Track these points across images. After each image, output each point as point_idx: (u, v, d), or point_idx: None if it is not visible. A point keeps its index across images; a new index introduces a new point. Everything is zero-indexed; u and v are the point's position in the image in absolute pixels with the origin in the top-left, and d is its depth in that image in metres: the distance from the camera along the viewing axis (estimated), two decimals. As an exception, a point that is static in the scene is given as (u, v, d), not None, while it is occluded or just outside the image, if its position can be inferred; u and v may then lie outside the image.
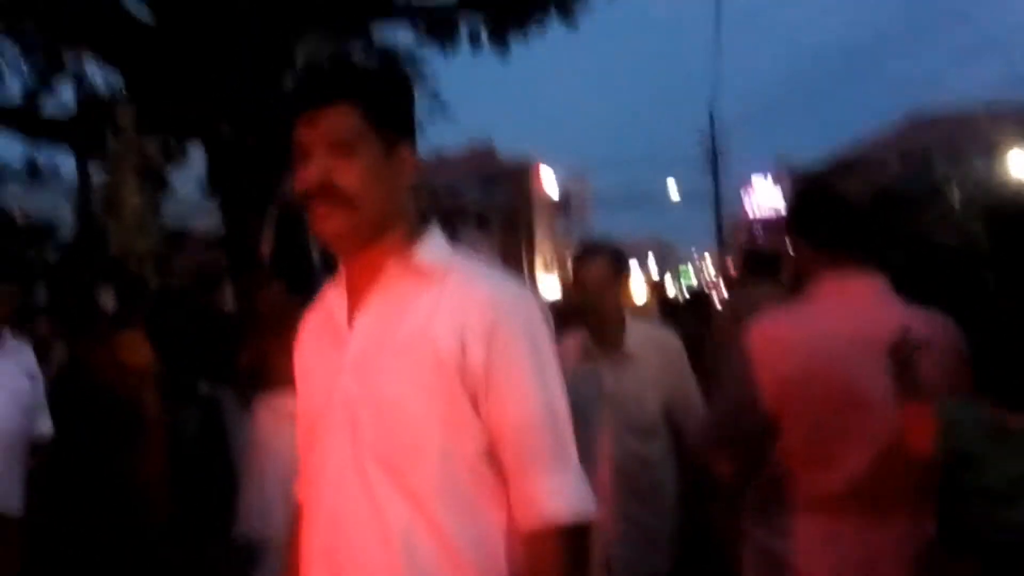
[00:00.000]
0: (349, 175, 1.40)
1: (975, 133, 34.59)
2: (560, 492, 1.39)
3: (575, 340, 3.10)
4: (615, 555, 2.97)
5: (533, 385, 1.40)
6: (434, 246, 1.49)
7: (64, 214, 13.51)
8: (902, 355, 1.74)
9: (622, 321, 3.07)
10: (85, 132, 9.72)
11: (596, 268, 3.01)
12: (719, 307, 6.87)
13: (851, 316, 1.88)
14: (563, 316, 3.10)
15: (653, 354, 3.04)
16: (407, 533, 1.37)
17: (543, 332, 1.45)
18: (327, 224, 1.43)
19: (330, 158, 1.41)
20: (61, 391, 3.94)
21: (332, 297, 1.55)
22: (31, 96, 10.34)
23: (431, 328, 1.40)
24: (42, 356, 4.12)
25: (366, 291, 1.48)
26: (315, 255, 7.52)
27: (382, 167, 1.43)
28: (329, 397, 1.47)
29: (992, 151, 32.36)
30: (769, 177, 45.44)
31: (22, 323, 4.12)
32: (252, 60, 8.33)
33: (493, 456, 1.41)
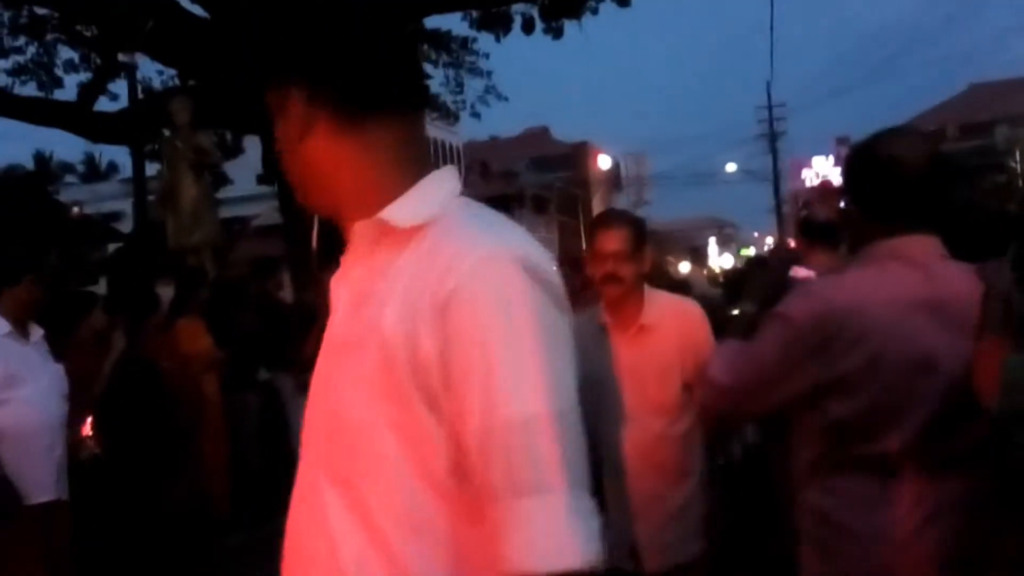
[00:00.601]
0: (299, 159, 1.24)
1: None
2: (537, 531, 1.03)
3: (589, 314, 2.95)
4: (643, 539, 2.85)
5: (507, 380, 1.04)
6: (415, 197, 1.19)
7: (125, 208, 13.81)
8: (989, 295, 1.75)
9: (641, 294, 2.91)
10: (140, 128, 9.95)
11: (615, 237, 2.84)
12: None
13: (907, 279, 1.86)
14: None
15: (674, 327, 2.89)
16: (359, 565, 1.13)
17: (531, 304, 1.07)
18: (298, 196, 1.28)
19: (284, 139, 1.26)
20: (122, 379, 4.05)
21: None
22: (87, 95, 10.61)
23: (383, 309, 1.12)
24: (100, 348, 4.23)
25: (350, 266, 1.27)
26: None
27: (338, 147, 1.21)
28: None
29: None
30: (830, 157, 44.63)
31: (81, 316, 4.24)
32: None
33: (466, 473, 1.08)
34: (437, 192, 1.21)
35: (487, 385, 1.04)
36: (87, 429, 3.92)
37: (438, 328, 1.06)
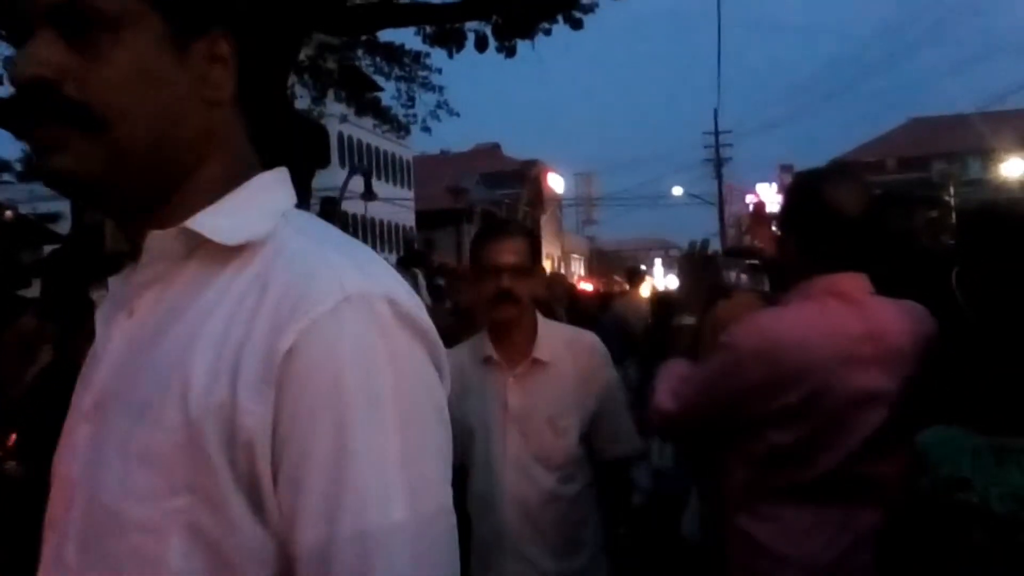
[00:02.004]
0: (97, 76, 0.80)
1: (972, 137, 34.86)
2: None
3: (471, 345, 2.55)
4: None
5: (363, 473, 0.75)
6: (244, 203, 0.86)
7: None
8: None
9: (534, 322, 2.48)
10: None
11: (511, 249, 2.41)
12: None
13: (845, 315, 1.93)
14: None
15: (571, 363, 2.45)
16: None
17: (402, 366, 0.78)
18: (55, 159, 0.81)
19: (64, 45, 0.80)
20: (46, 387, 3.90)
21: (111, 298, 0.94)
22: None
23: (186, 361, 0.78)
24: (27, 353, 4.08)
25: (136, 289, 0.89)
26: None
27: (162, 69, 0.82)
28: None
29: (988, 155, 32.74)
30: (773, 184, 45.51)
31: (7, 321, 4.10)
32: (254, 58, 8.30)
33: None
34: (270, 200, 0.89)
35: (336, 479, 0.74)
36: (11, 441, 3.77)
37: (270, 393, 0.75)
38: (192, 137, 0.86)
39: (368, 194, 11.76)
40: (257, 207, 0.86)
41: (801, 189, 2.10)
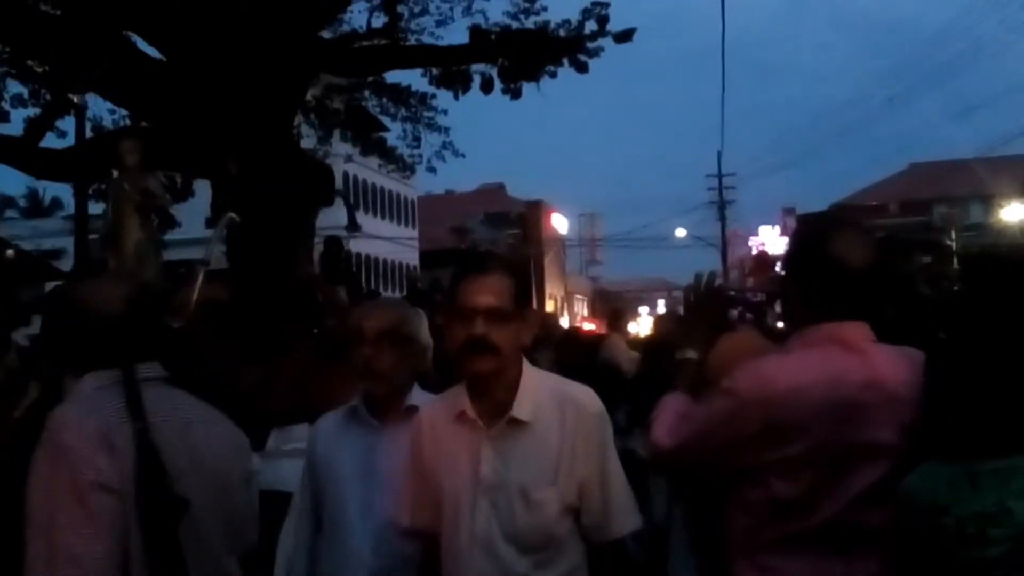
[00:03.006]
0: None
1: (973, 182, 35.09)
2: None
3: (447, 399, 2.20)
4: None
5: None
6: None
7: (67, 246, 13.52)
8: None
9: (516, 374, 2.11)
10: (87, 167, 9.77)
11: (488, 289, 2.06)
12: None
13: (847, 363, 1.93)
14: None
15: (557, 423, 2.08)
16: None
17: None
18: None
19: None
20: (30, 427, 3.82)
21: None
22: (33, 131, 10.42)
23: None
24: (13, 391, 4.01)
25: None
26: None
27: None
28: None
29: (989, 200, 32.93)
30: (776, 227, 45.75)
31: None
32: (262, 99, 8.37)
33: None
34: None
35: None
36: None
37: None
38: None
39: (351, 226, 11.70)
40: None
41: (807, 237, 2.11)
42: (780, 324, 2.45)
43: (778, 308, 2.40)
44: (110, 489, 1.64)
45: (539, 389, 2.12)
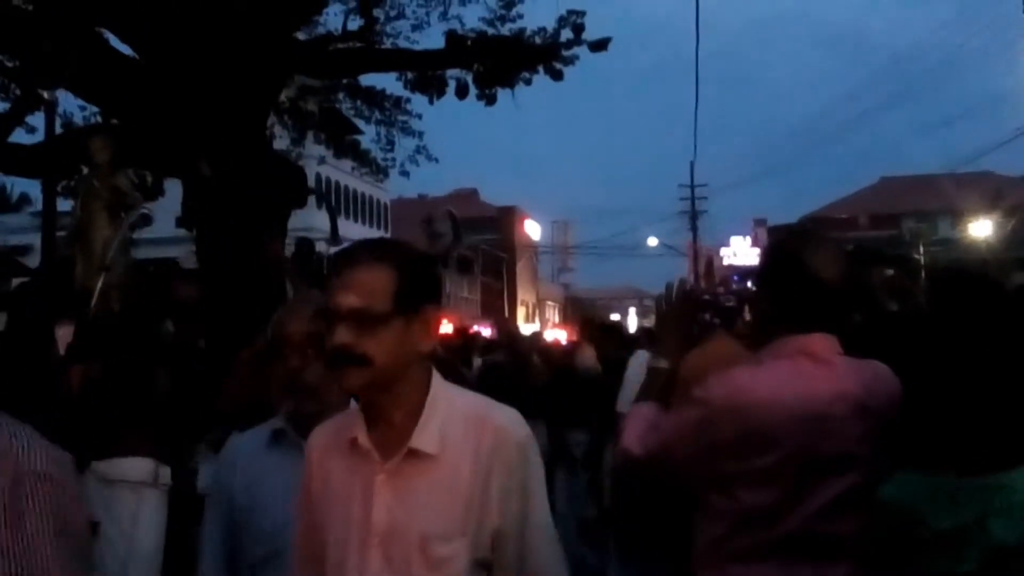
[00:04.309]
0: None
1: (942, 197, 35.58)
2: None
3: (339, 422, 1.79)
4: None
5: None
6: None
7: (34, 242, 13.35)
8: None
9: (416, 393, 1.69)
10: (57, 163, 9.66)
11: (357, 283, 1.63)
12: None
13: (817, 374, 1.96)
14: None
15: (471, 455, 1.66)
16: None
17: None
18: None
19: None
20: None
21: None
22: (2, 126, 10.29)
23: None
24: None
25: None
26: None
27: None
28: None
29: (958, 215, 33.40)
30: (747, 237, 46.14)
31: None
32: (235, 99, 8.33)
33: None
34: None
35: None
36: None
37: None
38: None
39: (334, 238, 11.63)
40: None
41: (781, 251, 2.13)
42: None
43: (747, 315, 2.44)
44: None
45: (450, 412, 1.69)
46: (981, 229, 30.92)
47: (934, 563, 1.63)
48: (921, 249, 28.92)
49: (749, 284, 2.41)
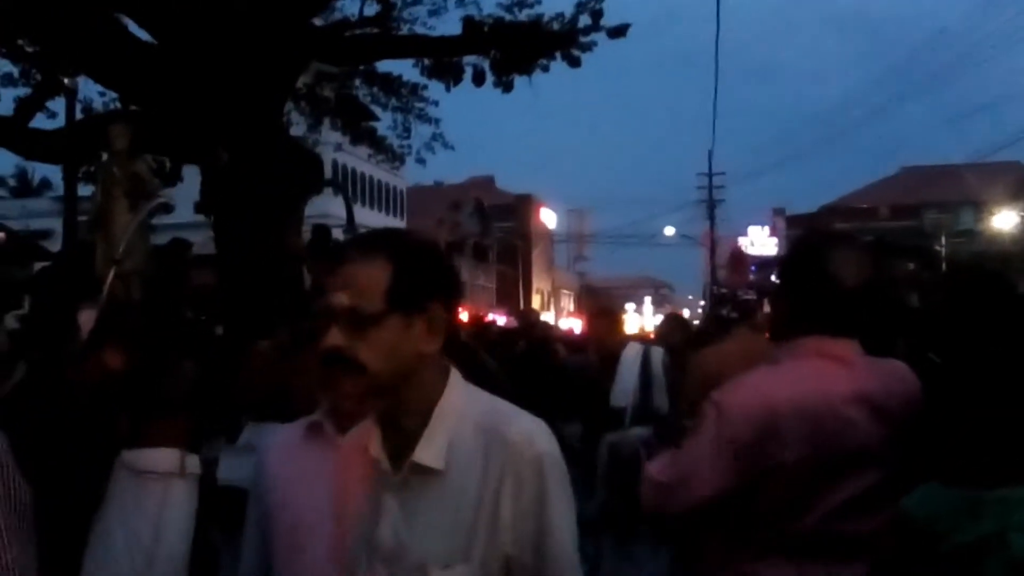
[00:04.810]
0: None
1: (964, 188, 35.20)
2: None
3: (356, 429, 1.59)
4: None
5: None
6: None
7: (56, 226, 13.44)
8: None
9: (423, 400, 1.52)
10: (77, 149, 9.73)
11: (342, 281, 1.48)
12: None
13: (838, 376, 1.95)
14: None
15: (480, 470, 1.49)
16: None
17: None
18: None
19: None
20: (17, 403, 3.81)
21: None
22: (23, 111, 10.37)
23: None
24: (1, 372, 4.01)
25: None
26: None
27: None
28: None
29: (980, 206, 33.04)
30: (766, 227, 45.89)
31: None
32: (253, 85, 8.36)
33: None
34: None
35: None
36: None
37: None
38: None
39: (350, 226, 11.63)
40: None
41: (803, 252, 2.12)
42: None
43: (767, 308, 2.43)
44: None
45: (461, 421, 1.51)
46: (1005, 221, 30.60)
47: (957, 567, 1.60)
48: (943, 240, 28.65)
49: (773, 277, 2.39)
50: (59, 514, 2.85)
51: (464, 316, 10.80)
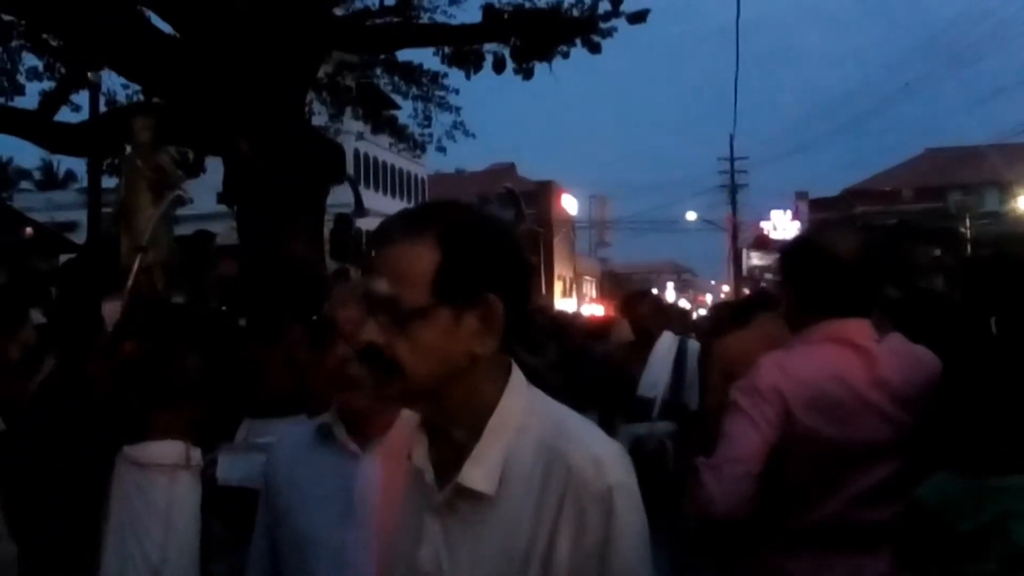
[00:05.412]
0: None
1: (989, 169, 34.76)
2: None
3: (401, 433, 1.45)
4: None
5: None
6: None
7: (80, 219, 13.56)
8: None
9: (484, 404, 1.28)
10: (100, 142, 9.81)
11: (381, 266, 1.26)
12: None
13: (850, 360, 1.94)
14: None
15: (534, 501, 1.24)
16: None
17: None
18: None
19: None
20: (47, 396, 3.85)
21: None
22: (48, 104, 10.46)
23: None
24: (30, 363, 4.05)
25: None
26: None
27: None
28: None
29: (1006, 188, 32.63)
30: (788, 211, 45.53)
31: (13, 332, 4.08)
32: (274, 76, 8.38)
33: None
34: None
35: None
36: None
37: None
38: None
39: (358, 210, 11.60)
40: None
41: (799, 241, 2.19)
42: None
43: None
44: None
45: (522, 434, 1.27)
46: (1030, 203, 30.22)
47: (961, 565, 1.62)
48: (967, 222, 28.33)
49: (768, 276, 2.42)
50: (64, 512, 2.88)
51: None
